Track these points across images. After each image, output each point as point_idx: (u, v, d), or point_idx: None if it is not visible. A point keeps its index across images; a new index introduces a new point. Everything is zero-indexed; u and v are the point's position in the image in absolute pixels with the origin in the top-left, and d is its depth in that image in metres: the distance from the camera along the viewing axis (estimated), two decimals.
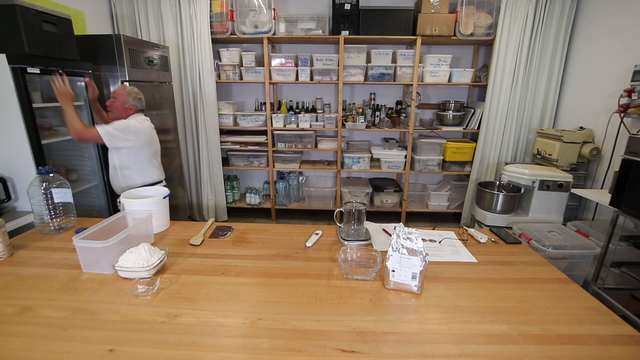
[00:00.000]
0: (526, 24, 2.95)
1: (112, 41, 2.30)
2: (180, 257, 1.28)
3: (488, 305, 1.01)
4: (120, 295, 1.04)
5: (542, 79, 3.09)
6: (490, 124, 3.20)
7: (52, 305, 0.99)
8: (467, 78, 3.20)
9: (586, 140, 2.64)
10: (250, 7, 3.04)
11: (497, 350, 0.83)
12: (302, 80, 3.22)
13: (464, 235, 1.48)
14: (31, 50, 1.77)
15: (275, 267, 1.22)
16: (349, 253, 1.25)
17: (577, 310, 0.99)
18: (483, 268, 1.23)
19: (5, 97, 1.72)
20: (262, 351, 0.82)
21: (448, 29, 2.96)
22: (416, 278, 1.03)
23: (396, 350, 0.83)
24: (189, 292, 1.06)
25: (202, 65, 3.13)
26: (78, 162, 2.34)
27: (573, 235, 2.09)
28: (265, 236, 1.48)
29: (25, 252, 1.31)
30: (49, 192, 1.44)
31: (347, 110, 3.41)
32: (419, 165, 3.38)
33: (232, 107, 3.41)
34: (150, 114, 2.66)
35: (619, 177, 1.79)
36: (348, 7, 3.00)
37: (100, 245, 1.12)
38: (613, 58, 2.55)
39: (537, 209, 2.54)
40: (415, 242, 1.03)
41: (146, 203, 1.45)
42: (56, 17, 1.93)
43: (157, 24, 3.15)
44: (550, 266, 1.25)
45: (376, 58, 3.14)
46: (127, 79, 2.37)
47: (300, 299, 1.03)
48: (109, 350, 0.82)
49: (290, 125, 3.33)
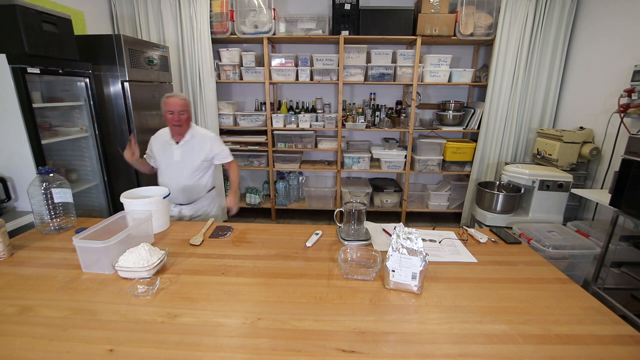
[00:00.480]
0: (526, 24, 2.95)
1: (112, 41, 2.30)
2: (180, 257, 1.28)
3: (488, 305, 1.01)
4: (120, 295, 1.04)
5: (542, 79, 3.09)
6: (490, 124, 3.19)
7: (52, 305, 0.99)
8: (467, 78, 3.20)
9: (586, 140, 2.64)
10: (250, 7, 3.04)
11: (497, 350, 0.83)
12: (302, 80, 3.22)
13: (464, 235, 1.48)
14: (31, 50, 1.77)
15: (275, 267, 1.22)
16: (349, 253, 1.25)
17: (577, 310, 0.99)
18: (483, 268, 1.23)
19: (5, 97, 1.72)
20: (262, 351, 0.82)
21: (448, 29, 2.96)
22: (416, 278, 1.03)
23: (396, 350, 0.83)
24: (189, 292, 1.06)
25: (202, 65, 3.13)
26: (78, 162, 2.34)
27: (573, 235, 2.09)
28: (265, 236, 1.48)
29: (25, 252, 1.31)
30: (49, 192, 1.44)
31: (347, 110, 3.41)
32: (419, 165, 3.37)
33: (232, 107, 3.41)
34: (150, 114, 2.67)
35: (619, 177, 1.79)
36: (348, 7, 3.00)
37: (100, 245, 1.12)
38: (613, 58, 2.55)
39: (537, 209, 2.54)
40: (415, 242, 1.03)
41: (146, 203, 1.45)
42: (56, 17, 1.93)
43: (157, 24, 3.15)
44: (550, 266, 1.25)
45: (376, 58, 3.14)
46: (127, 79, 2.37)
47: (300, 299, 1.03)
48: (109, 350, 0.82)
49: (290, 125, 3.33)
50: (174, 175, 1.91)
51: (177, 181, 1.90)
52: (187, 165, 1.90)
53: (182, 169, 1.90)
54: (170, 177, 1.92)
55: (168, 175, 1.93)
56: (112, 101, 2.42)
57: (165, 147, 1.90)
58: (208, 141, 1.93)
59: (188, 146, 1.89)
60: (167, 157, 1.90)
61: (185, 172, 1.90)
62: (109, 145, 2.44)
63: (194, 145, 1.90)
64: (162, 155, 1.91)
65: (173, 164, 1.90)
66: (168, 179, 1.92)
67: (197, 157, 1.90)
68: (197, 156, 1.90)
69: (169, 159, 1.90)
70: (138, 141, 2.46)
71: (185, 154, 1.89)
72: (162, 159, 1.92)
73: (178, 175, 1.90)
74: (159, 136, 1.95)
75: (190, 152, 1.89)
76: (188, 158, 1.89)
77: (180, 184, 1.90)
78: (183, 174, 1.90)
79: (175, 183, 1.90)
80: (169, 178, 1.92)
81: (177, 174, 1.90)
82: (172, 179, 1.91)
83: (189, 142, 1.88)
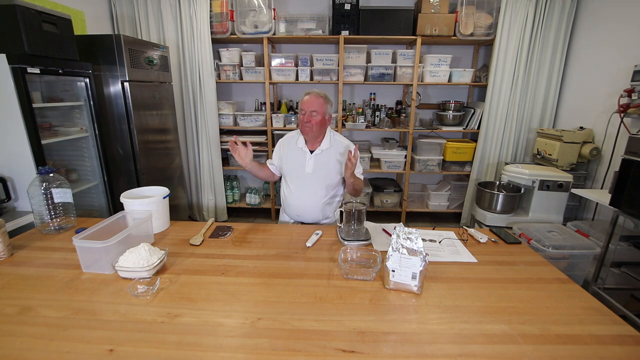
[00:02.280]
0: (526, 24, 2.95)
1: (112, 41, 2.30)
2: (180, 257, 1.28)
3: (488, 305, 1.01)
4: (120, 295, 1.04)
5: (542, 79, 3.09)
6: (490, 124, 3.19)
7: (52, 305, 0.99)
8: (467, 78, 3.20)
9: (586, 140, 2.64)
10: (250, 7, 3.04)
11: (497, 350, 0.83)
12: (302, 80, 3.22)
13: (464, 235, 1.48)
14: (31, 50, 1.77)
15: (275, 267, 1.22)
16: (349, 253, 1.25)
17: (577, 310, 0.99)
18: (483, 268, 1.23)
19: (5, 97, 1.72)
20: (262, 351, 0.82)
21: (448, 29, 2.96)
22: (416, 278, 1.03)
23: (396, 350, 0.83)
24: (189, 292, 1.06)
25: (202, 65, 3.13)
26: (78, 162, 2.34)
27: (573, 235, 2.09)
28: (265, 236, 1.48)
29: (25, 252, 1.31)
30: (49, 192, 1.44)
31: (347, 110, 3.41)
32: (419, 165, 3.37)
33: (232, 107, 3.41)
34: (151, 114, 2.67)
35: (619, 177, 1.79)
36: (348, 7, 3.00)
37: (100, 245, 1.12)
38: (613, 58, 2.55)
39: (537, 209, 2.54)
40: (415, 242, 1.03)
41: (146, 203, 1.45)
42: (56, 17, 1.92)
43: (157, 24, 3.15)
44: (550, 266, 1.25)
45: (376, 58, 3.14)
46: (127, 79, 2.37)
47: (300, 299, 1.03)
48: (109, 350, 0.82)
49: (290, 125, 3.33)
50: (304, 191, 1.62)
51: (307, 198, 1.62)
52: (321, 181, 1.60)
53: (314, 184, 1.60)
54: (297, 192, 1.63)
55: (295, 190, 1.63)
56: (112, 101, 2.42)
57: (297, 155, 1.62)
58: (344, 149, 1.62)
59: (324, 157, 1.59)
60: (297, 167, 1.62)
61: (318, 189, 1.61)
62: (109, 145, 2.45)
63: (330, 155, 1.60)
64: (292, 165, 1.63)
65: (305, 177, 1.60)
66: (296, 195, 1.63)
67: (332, 171, 1.60)
68: (332, 170, 1.60)
69: (300, 171, 1.61)
70: (138, 141, 2.50)
71: (320, 166, 1.59)
72: (291, 169, 1.63)
73: (309, 190, 1.62)
74: (290, 140, 1.66)
75: (325, 165, 1.60)
76: (323, 172, 1.59)
77: (312, 202, 1.62)
78: (315, 191, 1.61)
79: (304, 201, 1.62)
80: (297, 194, 1.62)
81: (308, 190, 1.62)
82: (300, 195, 1.62)
83: (325, 151, 1.59)
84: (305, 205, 1.64)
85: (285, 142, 1.69)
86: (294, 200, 1.62)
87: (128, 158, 2.53)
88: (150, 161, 2.68)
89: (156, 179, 2.77)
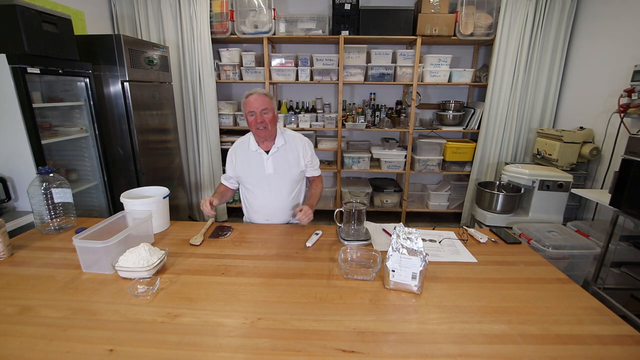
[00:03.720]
0: (526, 24, 2.95)
1: (112, 41, 2.30)
2: (180, 257, 1.28)
3: (488, 305, 1.01)
4: (120, 295, 1.04)
5: (542, 79, 3.09)
6: (490, 124, 3.19)
7: (52, 305, 0.99)
8: (467, 78, 3.20)
9: (586, 140, 2.64)
10: (250, 7, 3.04)
11: (497, 350, 0.83)
12: (302, 80, 3.22)
13: (464, 235, 1.48)
14: (31, 50, 1.77)
15: (275, 267, 1.22)
16: (349, 253, 1.25)
17: (577, 310, 0.99)
18: (483, 268, 1.23)
19: (5, 97, 1.72)
20: (262, 351, 0.82)
21: (448, 29, 2.96)
22: (416, 278, 1.03)
23: (396, 350, 0.83)
24: (189, 292, 1.06)
25: (202, 65, 3.13)
26: (78, 162, 2.34)
27: (573, 235, 2.09)
28: (265, 236, 1.48)
29: (25, 252, 1.31)
30: (49, 192, 1.44)
31: (347, 110, 3.41)
32: (419, 165, 3.37)
33: (232, 107, 3.41)
34: (151, 114, 2.67)
35: (619, 177, 1.79)
36: (348, 7, 3.00)
37: (100, 245, 1.12)
38: (613, 58, 2.55)
39: (537, 209, 2.54)
40: (415, 242, 1.03)
41: (146, 203, 1.45)
42: (56, 17, 1.93)
43: (157, 24, 3.15)
44: (550, 266, 1.25)
45: (376, 58, 3.14)
46: (127, 79, 2.37)
47: (301, 299, 1.03)
48: (109, 350, 0.82)
49: (290, 125, 3.33)
50: (267, 194, 1.58)
51: (274, 198, 1.59)
52: (283, 179, 1.58)
53: (277, 184, 1.57)
54: (263, 196, 1.59)
55: (260, 194, 1.59)
56: (112, 101, 2.42)
57: (253, 159, 1.57)
58: (299, 143, 1.61)
59: (281, 154, 1.57)
60: (257, 171, 1.58)
61: (282, 187, 1.59)
62: (109, 145, 2.45)
63: (287, 151, 1.58)
64: (250, 170, 1.59)
65: (265, 178, 1.57)
66: (261, 198, 1.59)
67: (293, 167, 1.58)
68: (293, 165, 1.58)
69: (260, 173, 1.57)
70: (138, 141, 2.50)
71: (280, 164, 1.56)
72: (249, 174, 1.59)
73: (275, 190, 1.58)
74: (241, 146, 1.62)
75: (285, 162, 1.57)
76: (283, 168, 1.57)
77: (279, 202, 1.59)
78: (280, 190, 1.58)
79: (271, 202, 1.59)
80: (262, 198, 1.59)
81: (272, 191, 1.59)
82: (266, 197, 1.58)
83: (282, 148, 1.57)
84: (274, 205, 1.62)
85: (237, 150, 1.65)
86: (261, 203, 1.59)
87: (128, 158, 2.53)
88: (150, 161, 2.68)
89: (156, 179, 2.77)
